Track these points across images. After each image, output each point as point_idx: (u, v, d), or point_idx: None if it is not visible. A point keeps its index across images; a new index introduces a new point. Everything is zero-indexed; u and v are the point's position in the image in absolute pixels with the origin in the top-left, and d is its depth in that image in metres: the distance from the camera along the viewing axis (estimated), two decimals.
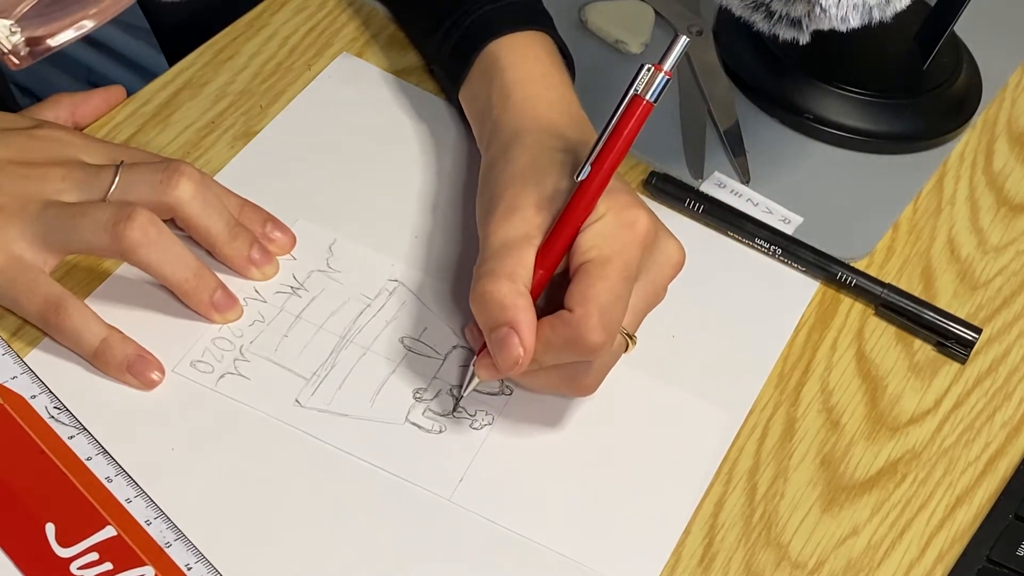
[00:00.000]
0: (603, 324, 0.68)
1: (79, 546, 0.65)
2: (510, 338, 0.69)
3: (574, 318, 0.68)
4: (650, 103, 0.69)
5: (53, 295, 0.71)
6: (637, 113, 0.69)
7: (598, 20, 0.94)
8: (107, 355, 0.71)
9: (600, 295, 0.68)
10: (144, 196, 0.73)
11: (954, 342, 0.82)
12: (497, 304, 0.69)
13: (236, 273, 0.76)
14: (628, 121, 0.69)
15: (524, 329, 0.68)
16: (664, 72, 0.69)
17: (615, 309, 0.69)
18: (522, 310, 0.69)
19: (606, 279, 0.69)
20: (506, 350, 0.69)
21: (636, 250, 0.70)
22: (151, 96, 0.84)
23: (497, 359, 0.69)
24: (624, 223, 0.70)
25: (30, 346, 0.72)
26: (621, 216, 0.70)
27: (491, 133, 0.79)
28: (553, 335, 0.69)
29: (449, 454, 0.72)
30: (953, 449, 0.78)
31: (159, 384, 0.71)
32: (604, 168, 0.70)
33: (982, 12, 0.95)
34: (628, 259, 0.70)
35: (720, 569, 0.71)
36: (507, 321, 0.69)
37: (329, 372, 0.74)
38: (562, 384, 0.72)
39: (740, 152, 0.88)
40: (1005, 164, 0.93)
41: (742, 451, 0.76)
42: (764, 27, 0.74)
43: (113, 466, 0.68)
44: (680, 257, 0.73)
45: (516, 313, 0.69)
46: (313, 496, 0.69)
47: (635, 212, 0.71)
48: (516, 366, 0.69)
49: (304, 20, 0.90)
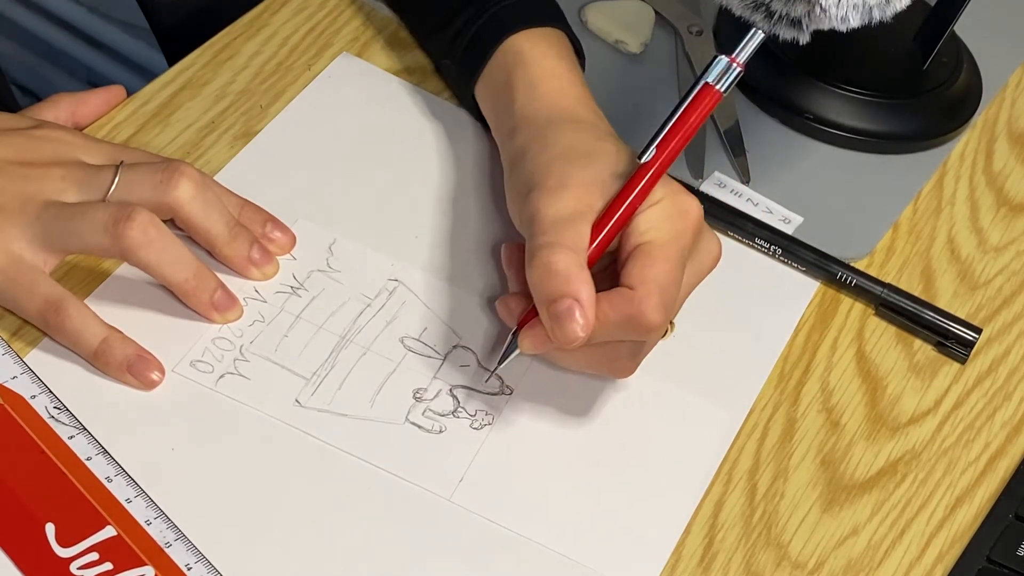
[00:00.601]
0: (663, 304, 0.69)
1: (79, 546, 0.65)
2: (573, 310, 0.68)
3: (636, 295, 0.68)
4: (719, 92, 0.70)
5: (53, 295, 0.71)
6: (706, 101, 0.70)
7: (598, 20, 0.94)
8: (107, 355, 0.71)
9: (662, 275, 0.69)
10: (144, 196, 0.73)
11: (954, 342, 0.82)
12: (562, 276, 0.68)
13: (236, 273, 0.76)
14: (696, 107, 0.70)
15: (587, 302, 0.68)
16: (738, 64, 0.70)
17: (673, 290, 0.70)
18: (585, 282, 0.69)
19: (667, 260, 0.69)
20: (569, 323, 0.68)
21: (690, 237, 0.71)
22: (151, 96, 0.84)
23: (557, 332, 0.68)
24: (680, 210, 0.71)
25: (30, 346, 0.72)
26: (676, 202, 0.71)
27: (517, 123, 0.79)
28: (612, 311, 0.69)
29: (449, 454, 0.72)
30: (953, 449, 0.78)
31: (159, 384, 0.71)
32: (669, 151, 0.70)
33: (982, 12, 0.95)
34: (684, 244, 0.71)
35: (720, 569, 0.71)
36: (571, 293, 0.68)
37: (329, 372, 0.74)
38: (604, 363, 0.72)
39: (740, 152, 0.88)
40: (1005, 164, 0.93)
41: (742, 451, 0.76)
42: (764, 27, 0.74)
43: (113, 466, 0.68)
44: (719, 250, 0.74)
45: (580, 285, 0.68)
46: (313, 496, 0.69)
47: (689, 200, 0.72)
48: (577, 340, 0.68)
49: (304, 20, 0.90)
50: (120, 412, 0.70)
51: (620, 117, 0.89)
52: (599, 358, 0.72)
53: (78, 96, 0.82)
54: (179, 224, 0.74)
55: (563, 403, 0.75)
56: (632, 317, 0.69)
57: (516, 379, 0.75)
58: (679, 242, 0.70)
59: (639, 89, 0.91)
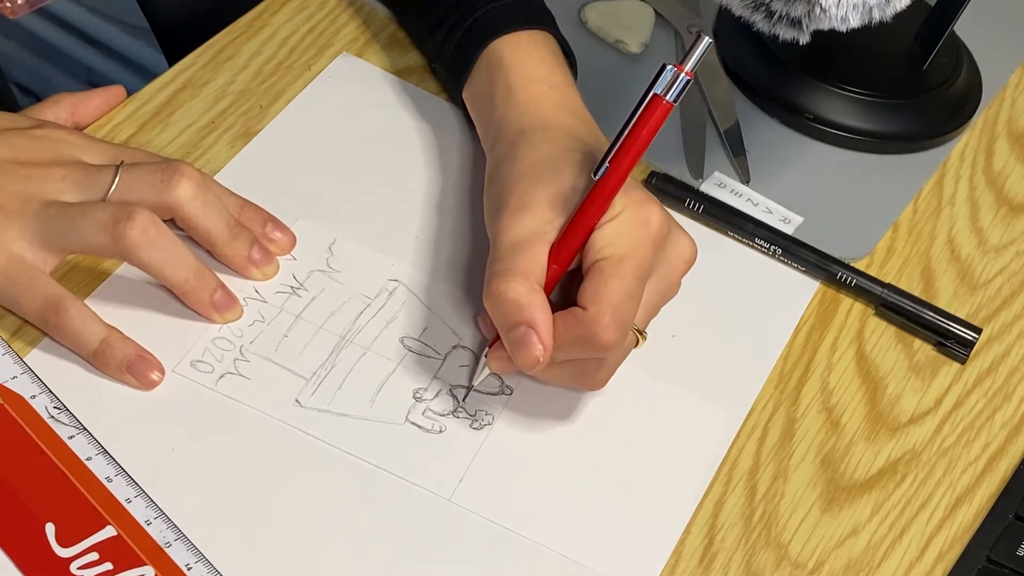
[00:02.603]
0: (616, 323, 0.68)
1: (79, 546, 0.65)
2: (529, 337, 0.69)
3: (587, 316, 0.68)
4: (670, 103, 0.69)
5: (53, 295, 0.71)
6: (656, 113, 0.69)
7: (598, 20, 0.94)
8: (106, 355, 0.71)
9: (613, 294, 0.69)
10: (144, 196, 0.73)
11: (954, 342, 0.82)
12: (513, 304, 0.69)
13: (236, 273, 0.76)
14: (647, 120, 0.69)
15: (542, 328, 0.69)
16: (685, 72, 0.69)
17: (628, 308, 0.69)
18: (538, 308, 0.69)
19: (620, 278, 0.69)
20: (525, 349, 0.69)
21: (650, 248, 0.70)
22: (151, 96, 0.84)
23: (517, 358, 0.69)
24: (639, 221, 0.70)
25: (30, 346, 0.72)
26: (636, 214, 0.71)
27: (496, 132, 0.79)
28: (566, 332, 0.69)
29: (449, 454, 0.72)
30: (953, 449, 0.78)
31: (159, 384, 0.71)
32: (622, 166, 0.70)
33: (982, 12, 0.95)
34: (642, 257, 0.70)
35: (720, 569, 0.71)
36: (525, 321, 0.69)
37: (329, 372, 0.74)
38: (573, 379, 0.73)
39: (740, 152, 0.88)
40: (1005, 164, 0.93)
41: (742, 451, 0.76)
42: (764, 27, 0.74)
43: (113, 466, 0.68)
44: (692, 252, 0.73)
45: (533, 312, 0.69)
46: (313, 496, 0.69)
47: (649, 209, 0.71)
48: (537, 364, 0.69)
49: (304, 20, 0.91)
50: (120, 412, 0.70)
51: (620, 117, 0.89)
52: (567, 374, 0.73)
53: (78, 96, 0.82)
54: (179, 224, 0.74)
55: (563, 403, 0.75)
56: (585, 337, 0.69)
57: (516, 379, 0.75)
58: (637, 255, 0.70)
59: (639, 89, 0.91)
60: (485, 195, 0.77)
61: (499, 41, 0.81)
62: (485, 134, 0.81)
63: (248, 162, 0.82)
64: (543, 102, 0.78)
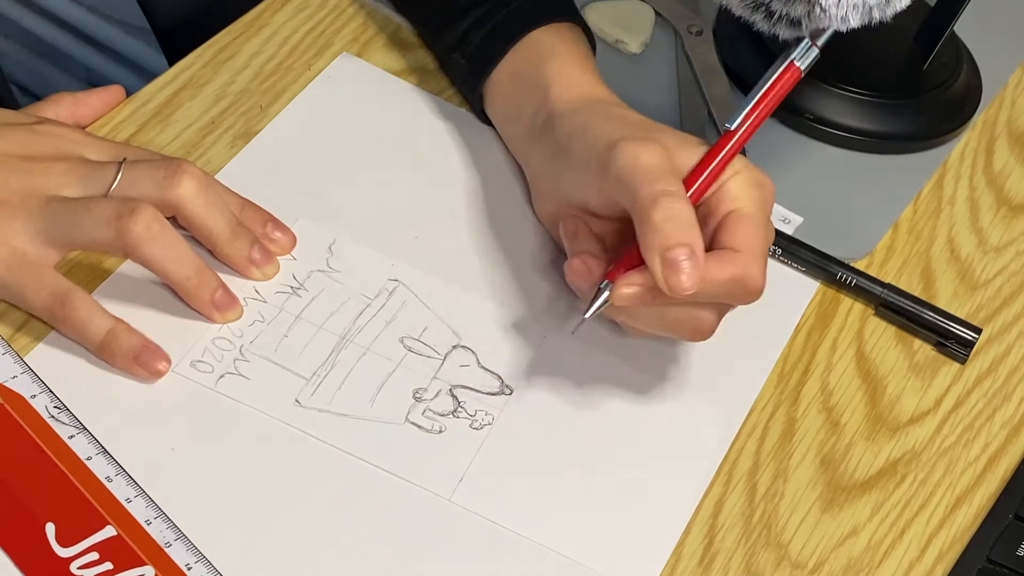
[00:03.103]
0: (763, 269, 0.71)
1: (79, 546, 0.65)
2: (693, 259, 0.68)
3: (742, 258, 0.70)
4: (800, 70, 0.74)
5: (59, 287, 0.71)
6: (789, 77, 0.74)
7: (598, 20, 0.94)
8: (113, 346, 0.71)
9: (761, 242, 0.71)
10: (147, 193, 0.73)
11: (954, 342, 0.82)
12: (683, 223, 0.69)
13: (237, 273, 0.76)
14: (780, 82, 0.74)
15: (700, 253, 0.69)
16: (816, 47, 0.74)
17: (766, 258, 0.72)
18: (699, 234, 0.69)
19: (762, 227, 0.72)
20: (684, 270, 0.68)
21: (770, 208, 0.73)
22: (151, 96, 0.84)
23: (672, 279, 0.68)
24: (759, 181, 0.73)
25: (31, 345, 0.72)
26: (754, 176, 0.73)
27: (555, 109, 0.79)
28: (720, 272, 0.69)
29: (449, 454, 0.72)
30: (953, 449, 0.78)
31: (166, 374, 0.71)
32: (754, 120, 0.74)
33: (982, 12, 0.95)
34: (767, 215, 0.73)
35: (720, 569, 0.71)
36: (689, 241, 0.68)
37: (329, 372, 0.74)
38: (687, 323, 0.72)
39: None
40: (1005, 164, 0.93)
41: (742, 451, 0.76)
42: (764, 27, 0.74)
43: (113, 466, 0.68)
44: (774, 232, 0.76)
45: (696, 235, 0.69)
46: (313, 496, 0.69)
47: (762, 175, 0.74)
48: (687, 289, 0.68)
49: (304, 20, 0.91)
50: (120, 412, 0.70)
51: None
52: (685, 318, 0.72)
53: (78, 96, 0.82)
54: (181, 222, 0.74)
55: (563, 403, 0.75)
56: (739, 279, 0.70)
57: (516, 379, 0.75)
58: (765, 211, 0.72)
59: (639, 89, 0.91)
60: (564, 158, 0.77)
61: (541, 30, 0.82)
62: (526, 116, 0.81)
63: (248, 162, 0.82)
64: (597, 86, 0.81)
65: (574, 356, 0.77)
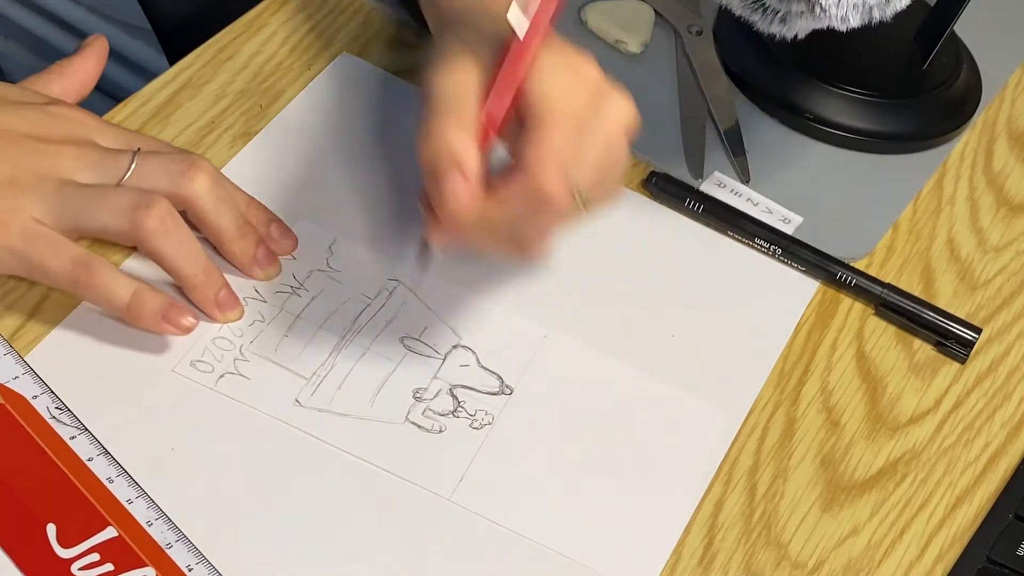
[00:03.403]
0: (559, 174, 0.66)
1: (80, 547, 0.65)
2: (455, 176, 0.67)
3: (530, 168, 0.66)
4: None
5: (80, 254, 0.71)
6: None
7: (598, 20, 0.94)
8: (140, 307, 0.71)
9: (554, 142, 0.67)
10: (160, 186, 0.73)
11: (954, 342, 0.82)
12: (444, 143, 0.67)
13: (240, 272, 0.76)
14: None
15: (470, 167, 0.67)
16: None
17: (569, 159, 0.67)
18: (468, 149, 0.67)
19: (559, 126, 0.67)
20: (453, 191, 0.67)
21: (585, 98, 0.69)
22: (151, 96, 0.84)
23: (444, 204, 0.67)
24: (571, 71, 0.69)
25: (31, 345, 0.72)
26: (569, 67, 0.69)
27: (442, 17, 0.76)
28: (511, 189, 0.67)
29: (449, 454, 0.72)
30: (953, 449, 0.78)
31: (194, 329, 0.71)
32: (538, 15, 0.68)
33: (982, 12, 0.95)
34: (578, 106, 0.68)
35: (720, 569, 0.71)
36: (454, 160, 0.67)
37: (329, 372, 0.74)
38: (512, 244, 0.70)
39: (740, 152, 0.88)
40: (1005, 164, 0.93)
41: (742, 451, 0.76)
42: (763, 26, 0.74)
43: (114, 467, 0.68)
44: (631, 112, 0.71)
45: (462, 151, 0.67)
46: (313, 496, 0.69)
47: (581, 62, 0.70)
48: (464, 210, 0.67)
49: (304, 20, 0.91)
50: (121, 412, 0.70)
51: None
52: (506, 240, 0.70)
53: (75, 63, 0.80)
54: (191, 217, 0.74)
55: (562, 403, 0.75)
56: (531, 192, 0.67)
57: (516, 379, 0.75)
58: (572, 105, 0.68)
59: (639, 89, 0.91)
60: None
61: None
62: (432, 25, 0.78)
63: (248, 162, 0.82)
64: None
65: (574, 356, 0.77)
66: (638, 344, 0.78)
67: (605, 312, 0.80)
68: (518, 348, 0.77)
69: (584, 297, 0.80)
